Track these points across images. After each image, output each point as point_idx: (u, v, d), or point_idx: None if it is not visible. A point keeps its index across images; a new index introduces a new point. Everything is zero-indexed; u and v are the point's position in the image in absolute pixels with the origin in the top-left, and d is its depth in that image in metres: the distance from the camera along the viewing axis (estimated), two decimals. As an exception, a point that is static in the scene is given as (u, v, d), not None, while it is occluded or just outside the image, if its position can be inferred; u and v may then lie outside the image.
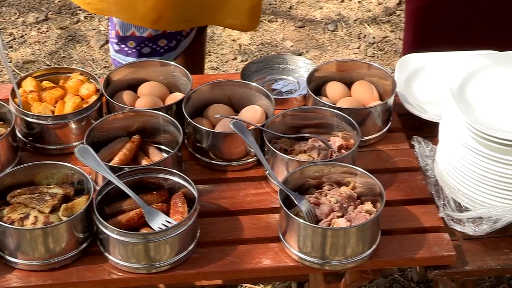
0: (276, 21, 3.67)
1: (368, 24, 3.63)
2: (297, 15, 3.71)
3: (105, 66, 3.52)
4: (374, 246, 1.45)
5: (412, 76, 1.95)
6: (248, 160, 1.66)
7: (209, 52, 3.44)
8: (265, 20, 3.67)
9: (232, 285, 2.32)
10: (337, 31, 3.60)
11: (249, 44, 3.53)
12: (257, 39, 3.55)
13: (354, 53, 3.43)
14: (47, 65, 3.48)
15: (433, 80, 1.95)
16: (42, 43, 3.67)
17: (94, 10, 2.11)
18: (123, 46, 2.07)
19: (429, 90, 1.93)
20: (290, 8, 3.75)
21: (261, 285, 2.31)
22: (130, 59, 2.04)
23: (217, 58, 3.46)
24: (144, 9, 1.96)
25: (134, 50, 2.06)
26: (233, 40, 3.55)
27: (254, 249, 1.47)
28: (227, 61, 3.44)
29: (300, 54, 3.44)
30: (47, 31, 3.76)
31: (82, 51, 3.65)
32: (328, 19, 3.68)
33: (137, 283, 1.42)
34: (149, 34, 2.02)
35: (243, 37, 3.57)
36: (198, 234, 1.47)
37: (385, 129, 1.79)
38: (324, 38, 3.55)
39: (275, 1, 3.79)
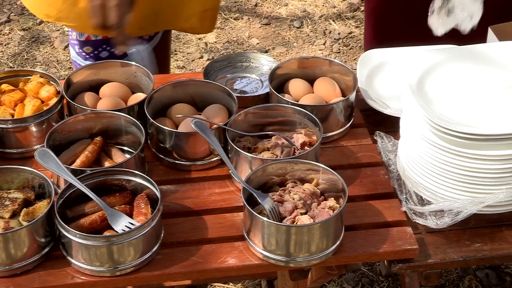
0: (242, 18, 3.69)
1: (333, 20, 3.65)
2: (263, 13, 3.72)
3: (70, 68, 3.51)
4: (338, 242, 1.45)
5: (374, 71, 1.96)
6: (212, 159, 1.65)
7: (175, 51, 3.45)
8: (231, 18, 3.68)
9: (201, 285, 2.32)
10: (302, 28, 3.62)
11: (215, 42, 3.53)
12: (223, 37, 3.56)
13: (320, 50, 3.45)
14: (10, 67, 3.45)
15: (394, 75, 1.96)
16: (5, 45, 3.65)
17: (42, 15, 2.06)
18: (81, 50, 2.05)
19: (390, 85, 1.95)
20: (256, 5, 3.77)
21: (231, 284, 2.31)
22: (89, 62, 2.01)
23: (183, 57, 3.46)
24: None
25: (92, 55, 2.04)
26: (199, 39, 3.55)
27: (218, 248, 1.47)
28: (193, 60, 3.44)
29: (266, 52, 3.46)
30: (9, 32, 3.74)
31: (46, 52, 3.63)
32: (294, 16, 3.70)
33: (101, 286, 1.40)
34: (105, 36, 1.96)
35: (209, 36, 3.57)
36: (162, 235, 1.46)
37: (347, 125, 1.79)
38: (290, 35, 3.58)
39: None
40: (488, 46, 1.79)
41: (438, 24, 1.87)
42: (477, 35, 1.92)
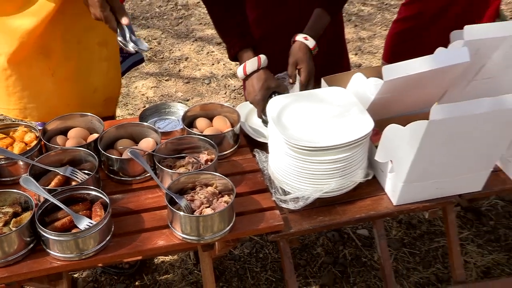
0: (171, 80, 3.64)
1: (230, 78, 3.65)
2: (185, 75, 3.70)
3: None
4: (231, 224, 1.46)
5: (250, 111, 1.93)
6: (146, 175, 1.63)
7: (126, 103, 3.38)
8: (163, 80, 3.63)
9: (150, 259, 2.24)
10: (211, 84, 3.60)
11: (153, 96, 3.47)
12: (158, 92, 3.51)
13: (223, 97, 3.44)
14: (13, 120, 3.30)
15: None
16: None
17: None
18: None
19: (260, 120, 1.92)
20: (179, 71, 3.74)
21: (170, 256, 2.25)
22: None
23: (132, 107, 3.39)
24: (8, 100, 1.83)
25: None
26: (143, 94, 3.49)
27: (152, 235, 1.45)
28: (139, 109, 3.37)
29: (187, 100, 3.43)
30: None
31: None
32: (205, 76, 3.69)
33: (71, 267, 1.37)
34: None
35: (149, 92, 3.52)
36: (112, 228, 1.43)
37: (235, 146, 1.78)
38: (203, 88, 3.56)
39: (169, 67, 3.77)
40: (321, 90, 1.81)
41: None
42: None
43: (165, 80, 3.59)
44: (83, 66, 1.88)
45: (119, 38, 1.59)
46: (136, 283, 2.15)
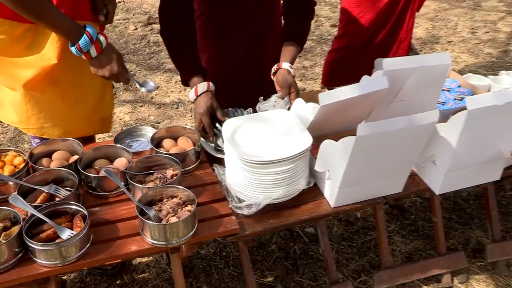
0: (144, 106, 3.60)
1: (195, 103, 3.64)
2: (156, 101, 3.66)
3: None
4: (194, 229, 1.45)
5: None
6: (120, 190, 1.61)
7: None
8: (138, 106, 3.58)
9: (128, 260, 2.20)
10: (178, 108, 3.57)
11: (129, 120, 3.42)
12: (134, 117, 3.45)
13: (189, 119, 3.41)
14: (8, 146, 3.19)
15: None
16: (5, 132, 3.34)
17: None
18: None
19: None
20: (152, 98, 3.70)
21: (146, 258, 2.22)
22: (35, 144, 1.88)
23: (111, 130, 3.33)
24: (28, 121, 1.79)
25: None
26: (120, 119, 3.42)
27: (126, 242, 1.43)
28: (117, 132, 3.27)
29: (158, 123, 3.39)
30: (8, 125, 3.39)
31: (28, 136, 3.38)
32: (173, 102, 3.65)
33: (56, 272, 1.35)
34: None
35: (126, 117, 3.46)
36: (91, 237, 1.41)
37: (197, 162, 1.77)
38: (172, 112, 3.52)
39: (143, 95, 3.73)
40: (267, 113, 1.80)
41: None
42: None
43: (140, 106, 3.53)
44: (87, 91, 1.84)
45: (137, 86, 1.66)
46: (117, 282, 2.12)
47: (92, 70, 1.64)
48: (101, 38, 1.57)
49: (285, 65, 1.92)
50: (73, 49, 1.55)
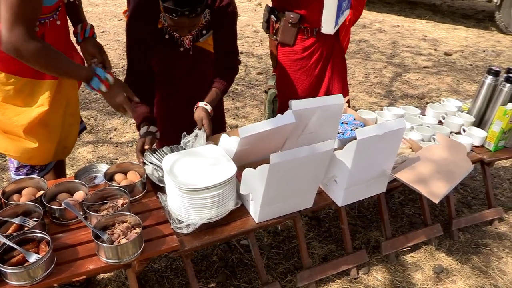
0: (104, 145, 3.50)
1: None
2: (114, 141, 3.56)
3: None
4: (142, 248, 1.51)
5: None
6: (78, 219, 1.67)
7: (72, 165, 3.23)
8: (99, 145, 3.49)
9: (93, 276, 2.17)
10: (133, 146, 3.47)
11: (92, 158, 3.36)
12: (95, 155, 3.37)
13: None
14: None
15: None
16: None
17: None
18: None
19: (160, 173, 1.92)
20: (110, 138, 3.59)
21: (108, 273, 2.22)
22: (17, 177, 1.94)
23: (76, 167, 3.21)
24: (17, 150, 1.85)
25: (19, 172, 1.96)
26: (84, 157, 3.34)
27: (84, 261, 1.48)
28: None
29: (116, 159, 3.33)
30: None
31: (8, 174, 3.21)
32: (129, 141, 3.54)
33: (25, 291, 1.39)
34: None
35: (88, 155, 3.38)
36: (55, 259, 1.48)
37: (144, 192, 1.82)
38: (127, 150, 3.44)
39: (103, 135, 3.65)
40: (199, 148, 1.87)
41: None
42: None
43: (100, 146, 3.49)
44: (65, 126, 1.98)
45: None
46: (84, 295, 2.12)
47: (106, 100, 1.82)
48: (108, 76, 1.75)
49: (201, 103, 2.03)
50: (88, 88, 1.73)
